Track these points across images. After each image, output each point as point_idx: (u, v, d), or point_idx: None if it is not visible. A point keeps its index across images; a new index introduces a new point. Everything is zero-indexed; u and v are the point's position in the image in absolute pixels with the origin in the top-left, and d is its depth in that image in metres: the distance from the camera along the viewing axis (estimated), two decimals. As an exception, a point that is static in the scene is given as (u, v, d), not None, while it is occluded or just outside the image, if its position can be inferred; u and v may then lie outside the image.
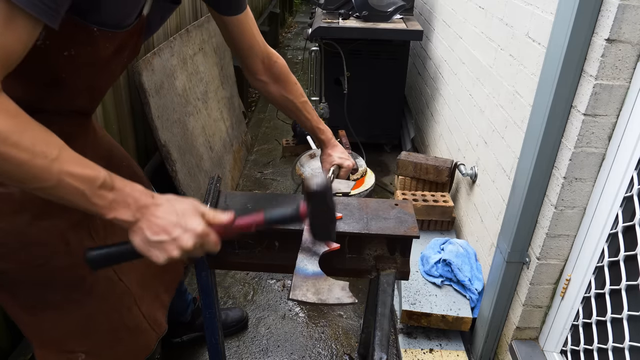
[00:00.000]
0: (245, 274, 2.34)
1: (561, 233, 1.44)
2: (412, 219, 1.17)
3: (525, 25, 1.64)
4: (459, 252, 1.94)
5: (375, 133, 3.46)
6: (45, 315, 1.10)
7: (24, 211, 0.97)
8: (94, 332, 1.16)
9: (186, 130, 2.35)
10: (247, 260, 1.20)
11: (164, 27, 2.41)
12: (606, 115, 1.26)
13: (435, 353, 1.78)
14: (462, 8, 2.51)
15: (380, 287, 1.13)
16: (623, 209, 1.27)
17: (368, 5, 3.01)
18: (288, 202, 0.96)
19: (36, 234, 0.99)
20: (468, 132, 2.29)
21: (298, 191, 2.96)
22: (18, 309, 1.10)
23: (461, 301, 1.83)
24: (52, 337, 1.13)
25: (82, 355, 1.16)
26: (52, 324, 1.11)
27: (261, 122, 4.16)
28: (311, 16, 3.73)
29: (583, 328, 1.44)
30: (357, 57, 3.14)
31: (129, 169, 1.33)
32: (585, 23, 1.19)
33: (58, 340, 1.14)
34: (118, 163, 1.28)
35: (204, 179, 2.43)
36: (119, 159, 1.30)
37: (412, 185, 2.45)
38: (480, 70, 2.14)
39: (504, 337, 1.71)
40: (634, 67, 1.20)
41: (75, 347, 1.15)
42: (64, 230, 1.04)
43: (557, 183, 1.38)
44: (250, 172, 3.33)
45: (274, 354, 1.92)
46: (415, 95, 3.68)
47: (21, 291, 1.06)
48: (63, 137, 0.78)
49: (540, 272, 1.51)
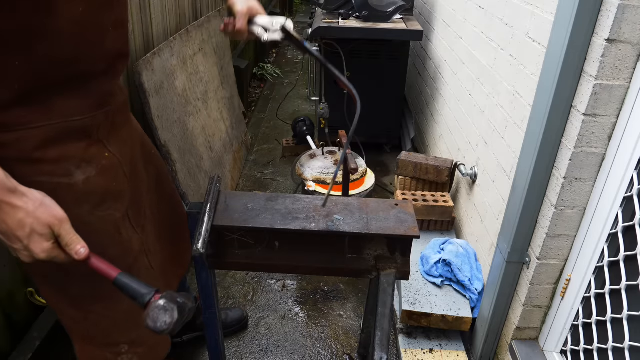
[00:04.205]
0: (245, 274, 2.34)
1: (561, 233, 1.44)
2: (412, 219, 1.17)
3: (525, 25, 1.64)
4: (459, 252, 1.94)
5: (375, 133, 3.45)
6: (94, 307, 1.10)
7: (85, 201, 0.98)
8: (140, 320, 1.16)
9: (186, 131, 2.35)
10: (247, 260, 1.20)
11: (164, 27, 2.41)
12: (606, 115, 1.26)
13: (435, 353, 1.78)
14: (462, 8, 2.51)
15: (381, 287, 1.13)
16: (623, 209, 1.27)
17: (368, 5, 3.01)
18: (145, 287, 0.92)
19: (96, 223, 1.01)
20: (468, 132, 2.29)
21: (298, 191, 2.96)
22: (66, 304, 1.10)
23: (461, 301, 1.83)
24: (97, 330, 1.14)
25: (125, 347, 1.17)
26: (99, 317, 1.12)
27: (261, 122, 4.16)
28: (311, 16, 3.73)
29: (583, 328, 1.44)
30: (357, 57, 3.14)
31: (158, 159, 1.35)
32: (585, 23, 1.19)
33: (103, 333, 1.15)
34: (149, 150, 1.30)
35: (204, 179, 2.43)
36: (149, 146, 1.32)
37: (412, 185, 2.45)
38: (480, 70, 2.14)
39: (504, 337, 1.71)
40: (634, 67, 1.20)
41: (120, 338, 1.16)
42: (118, 219, 1.06)
43: (557, 183, 1.38)
44: (250, 172, 3.33)
45: (274, 354, 1.92)
46: (415, 95, 3.67)
47: (74, 285, 1.07)
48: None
49: (540, 272, 1.51)
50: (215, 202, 1.18)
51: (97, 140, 1.01)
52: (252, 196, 1.24)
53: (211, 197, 1.17)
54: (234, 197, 1.23)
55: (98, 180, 1.00)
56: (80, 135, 0.97)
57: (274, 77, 5.39)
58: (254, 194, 1.26)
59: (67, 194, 0.95)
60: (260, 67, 5.32)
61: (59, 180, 0.94)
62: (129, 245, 1.11)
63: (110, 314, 1.12)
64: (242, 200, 1.22)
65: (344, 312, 2.14)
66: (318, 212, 1.17)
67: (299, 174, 2.59)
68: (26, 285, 1.47)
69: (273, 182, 3.23)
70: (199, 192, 2.32)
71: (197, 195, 2.27)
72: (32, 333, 1.46)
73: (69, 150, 0.95)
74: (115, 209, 1.05)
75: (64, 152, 0.94)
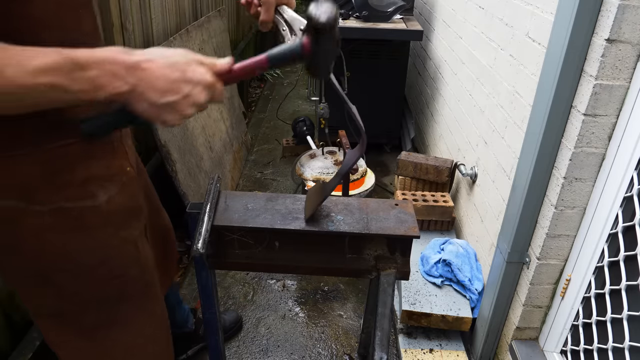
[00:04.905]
0: (245, 274, 2.34)
1: (561, 233, 1.44)
2: (412, 219, 1.17)
3: (525, 25, 1.64)
4: (459, 252, 1.94)
5: (375, 133, 3.45)
6: (109, 333, 1.03)
7: (109, 223, 0.93)
8: (157, 336, 1.13)
9: (186, 131, 2.36)
10: (247, 260, 1.20)
11: (164, 27, 2.41)
12: (606, 115, 1.26)
13: (435, 353, 1.78)
14: (462, 8, 2.51)
15: (381, 287, 1.13)
16: (623, 209, 1.27)
17: (368, 5, 3.01)
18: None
19: (117, 245, 0.96)
20: (468, 132, 2.29)
21: (298, 191, 2.96)
22: (72, 336, 1.01)
23: (461, 301, 1.83)
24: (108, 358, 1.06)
25: None
26: (113, 343, 1.04)
27: (261, 122, 4.16)
28: (311, 16, 3.72)
29: (583, 328, 1.44)
30: (357, 57, 3.14)
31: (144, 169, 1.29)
32: (585, 23, 1.19)
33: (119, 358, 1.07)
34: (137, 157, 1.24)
35: (204, 179, 2.43)
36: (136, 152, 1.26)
37: (412, 185, 2.45)
38: (480, 70, 2.14)
39: (504, 337, 1.71)
40: (634, 67, 1.20)
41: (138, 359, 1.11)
42: (137, 238, 1.01)
43: (557, 183, 1.38)
44: (250, 172, 3.33)
45: (274, 354, 1.92)
46: (415, 95, 3.67)
47: (89, 314, 0.99)
48: None
49: (540, 272, 1.51)
50: (215, 202, 1.18)
51: (121, 152, 0.96)
52: (252, 196, 1.24)
53: (211, 197, 1.17)
54: (234, 197, 1.23)
55: (119, 199, 0.94)
56: (104, 146, 0.91)
57: (274, 77, 5.39)
58: (254, 194, 1.26)
59: (92, 217, 0.90)
60: (260, 67, 5.32)
61: (84, 203, 0.88)
62: (145, 262, 1.06)
63: (124, 338, 1.06)
64: (242, 200, 1.22)
65: (344, 312, 2.14)
66: (318, 212, 1.17)
67: (299, 174, 2.59)
68: (26, 285, 1.47)
69: (273, 182, 3.23)
70: (199, 192, 2.32)
71: (197, 195, 2.27)
72: (32, 333, 1.46)
73: (94, 169, 0.89)
74: (135, 227, 1.01)
75: (90, 172, 0.89)
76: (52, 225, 0.87)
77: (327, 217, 1.17)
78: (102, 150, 0.91)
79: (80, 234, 0.90)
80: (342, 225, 1.14)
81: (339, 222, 1.15)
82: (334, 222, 1.15)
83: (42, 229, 0.86)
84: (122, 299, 1.01)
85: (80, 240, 0.91)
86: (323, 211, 1.18)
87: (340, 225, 1.14)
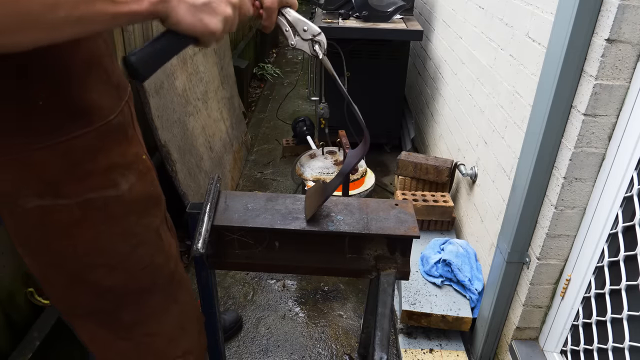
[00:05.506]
0: (245, 274, 2.34)
1: (561, 233, 1.44)
2: (412, 219, 1.17)
3: (525, 25, 1.64)
4: (459, 252, 1.94)
5: (375, 133, 3.42)
6: (146, 329, 1.03)
7: (132, 212, 0.93)
8: (188, 326, 1.12)
9: (186, 131, 2.35)
10: (247, 260, 1.20)
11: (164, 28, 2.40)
12: (606, 115, 1.26)
13: (435, 353, 1.78)
14: (462, 8, 2.51)
15: (381, 287, 1.13)
16: (623, 209, 1.27)
17: (368, 5, 3.01)
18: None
19: (141, 233, 0.96)
20: (468, 132, 2.29)
21: (298, 191, 2.96)
22: (112, 337, 1.01)
23: (461, 301, 1.83)
24: (150, 354, 1.06)
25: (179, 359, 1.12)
26: (152, 338, 1.05)
27: (261, 122, 4.16)
28: (311, 16, 3.73)
29: (583, 328, 1.44)
30: (357, 57, 3.14)
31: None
32: (585, 23, 1.19)
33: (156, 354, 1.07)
34: None
35: (204, 179, 2.43)
36: None
37: (412, 185, 2.45)
38: (480, 70, 2.14)
39: (504, 337, 1.71)
40: (634, 67, 1.20)
41: (175, 351, 1.10)
42: (158, 225, 1.01)
43: (557, 183, 1.38)
44: (250, 172, 3.33)
45: (274, 354, 1.92)
46: (415, 95, 3.67)
47: (128, 310, 0.99)
48: None
49: (540, 272, 1.51)
50: (215, 202, 1.18)
51: (135, 140, 0.95)
52: (252, 196, 1.24)
53: (211, 197, 1.17)
54: (234, 197, 1.23)
55: (139, 186, 0.93)
56: (119, 135, 0.89)
57: (274, 77, 5.39)
58: (254, 194, 1.26)
59: (117, 206, 0.89)
60: (260, 67, 5.32)
61: (108, 193, 0.87)
62: (169, 250, 1.05)
63: (163, 329, 1.06)
64: (242, 200, 1.22)
65: (344, 312, 2.14)
66: (318, 212, 1.17)
67: (299, 174, 2.59)
68: (26, 285, 1.47)
69: (273, 182, 3.23)
70: (199, 192, 2.32)
71: (197, 195, 2.27)
72: (32, 333, 1.46)
73: (114, 157, 0.87)
74: (155, 215, 1.00)
75: (111, 160, 0.87)
76: (82, 220, 0.85)
77: (327, 217, 1.17)
78: (117, 138, 0.89)
79: (108, 225, 0.89)
80: (342, 225, 1.14)
81: (339, 222, 1.15)
82: (334, 222, 1.15)
83: (72, 224, 0.85)
84: (153, 291, 1.01)
85: (110, 232, 0.90)
86: (323, 211, 1.18)
87: (340, 225, 1.14)
